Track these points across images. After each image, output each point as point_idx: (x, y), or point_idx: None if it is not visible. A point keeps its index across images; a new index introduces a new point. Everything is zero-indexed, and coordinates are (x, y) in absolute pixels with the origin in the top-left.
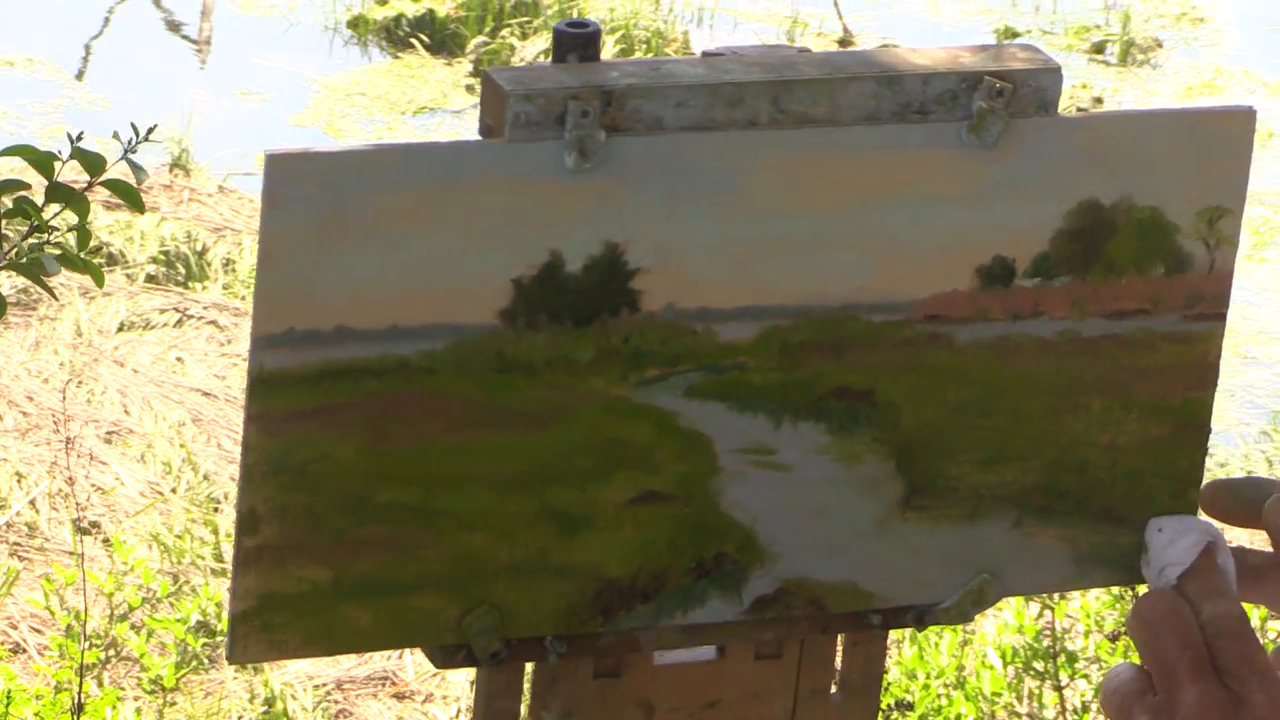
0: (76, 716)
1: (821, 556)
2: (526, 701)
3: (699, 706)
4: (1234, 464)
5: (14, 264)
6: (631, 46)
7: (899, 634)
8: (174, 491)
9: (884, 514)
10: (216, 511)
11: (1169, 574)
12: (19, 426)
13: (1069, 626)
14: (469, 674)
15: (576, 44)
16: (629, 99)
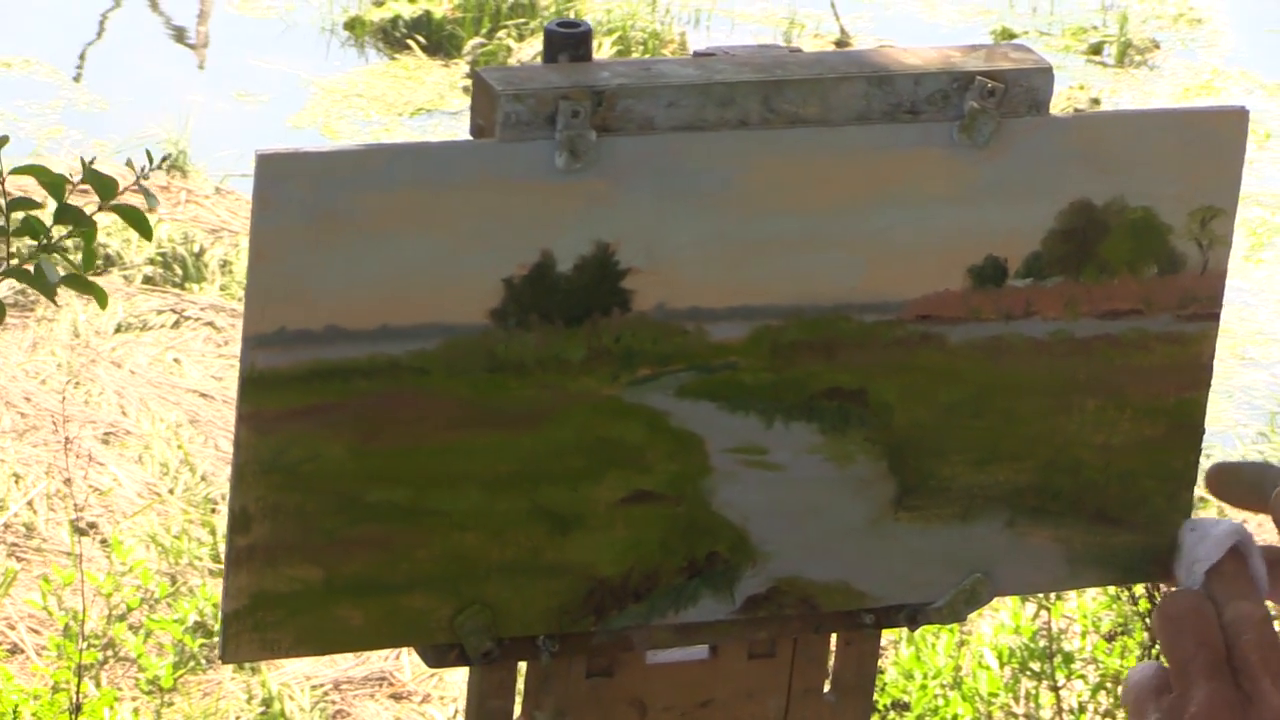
0: (74, 717)
1: (814, 556)
2: (519, 701)
3: (692, 706)
4: None
5: (17, 271)
6: (628, 48)
7: (896, 634)
8: (171, 492)
9: (876, 514)
10: (214, 512)
11: (1196, 571)
12: (16, 427)
13: (1065, 627)
14: (466, 674)
15: (568, 44)
16: (620, 99)
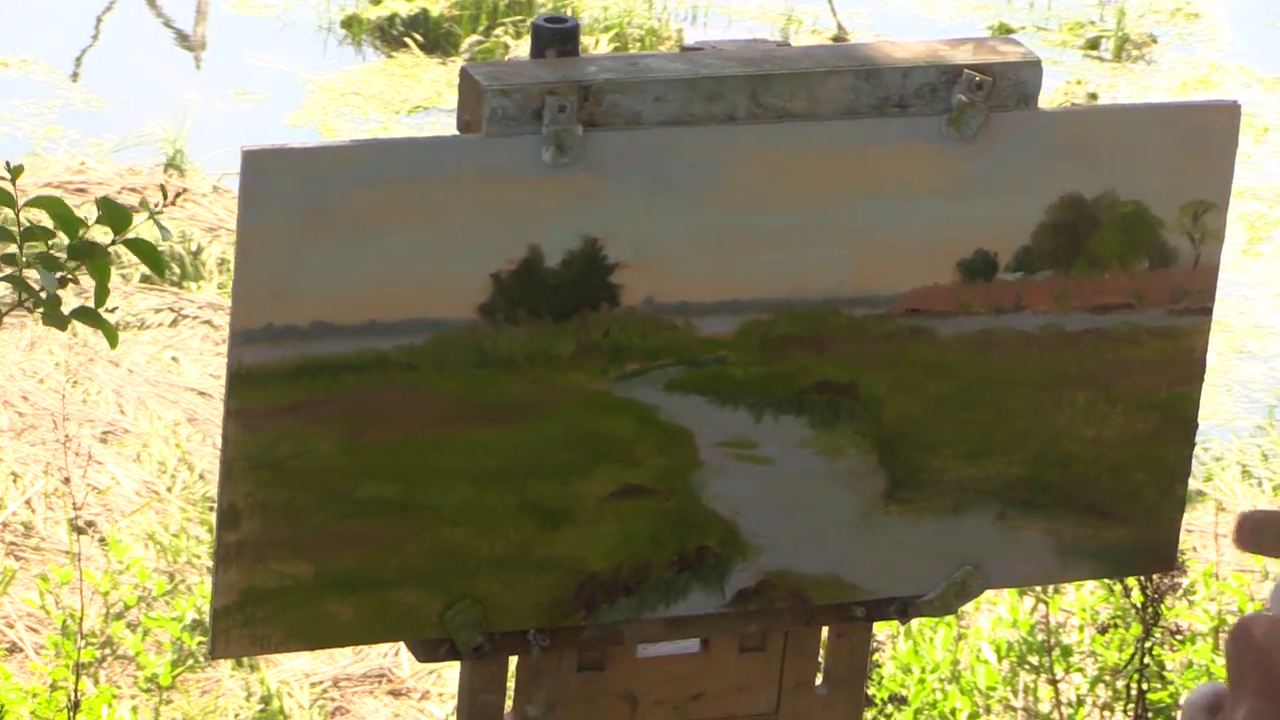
0: (72, 715)
1: (804, 549)
2: (511, 695)
3: (683, 699)
4: (1229, 459)
5: (24, 284)
6: (625, 45)
7: (894, 629)
8: (170, 490)
9: (866, 507)
10: (212, 510)
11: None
12: (15, 427)
13: (1063, 620)
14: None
15: (555, 39)
16: (607, 94)
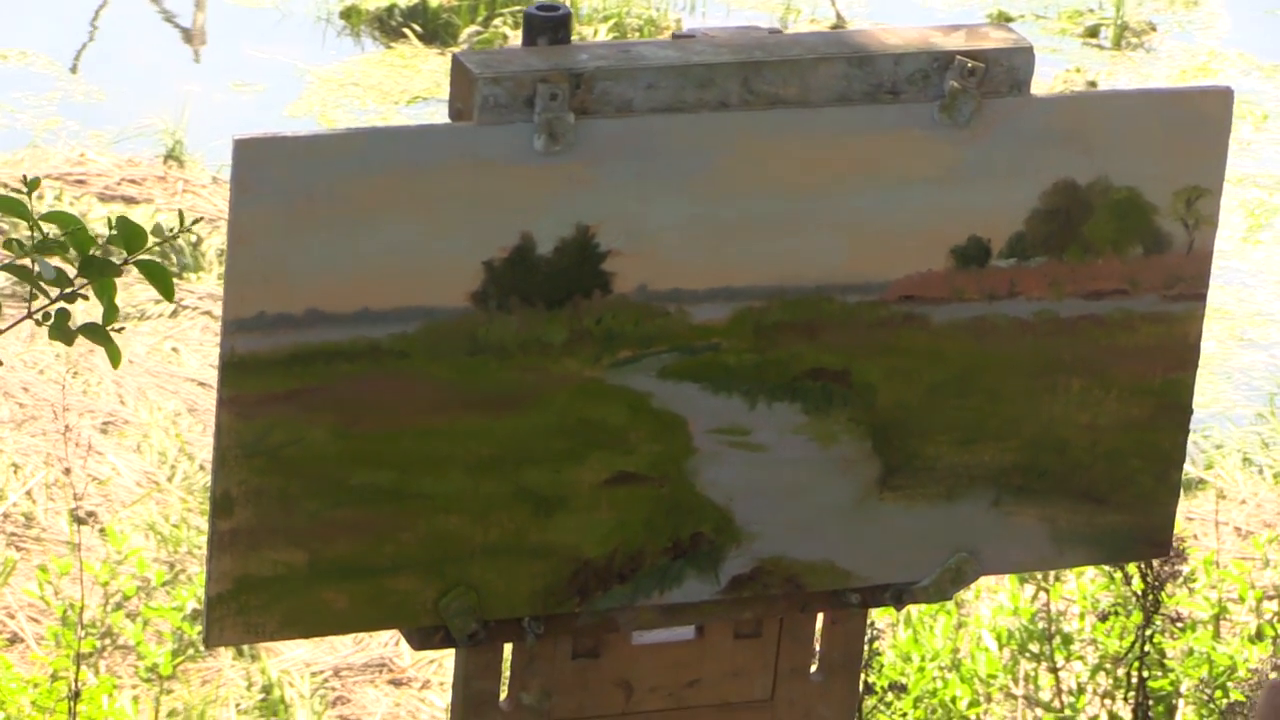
0: (73, 703)
1: (798, 536)
2: (506, 683)
3: (679, 686)
4: (1230, 446)
5: (45, 320)
6: (624, 35)
7: (894, 617)
8: (170, 481)
9: (861, 493)
10: None
11: None
12: (15, 418)
13: (1064, 609)
14: None
15: (547, 27)
16: (598, 81)
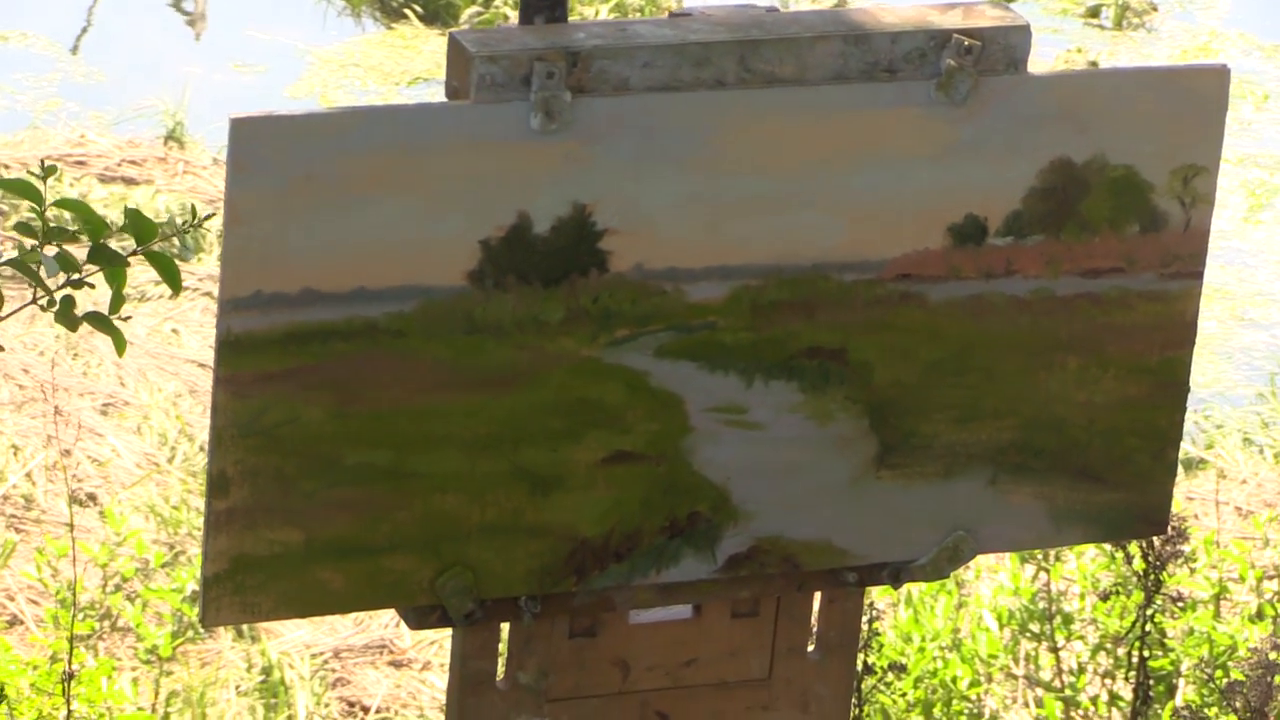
0: (66, 685)
1: (795, 514)
2: (503, 662)
3: (676, 665)
4: (1230, 426)
5: (49, 306)
6: (625, 14)
7: (894, 597)
8: (170, 462)
9: (858, 472)
10: None
11: None
12: (15, 399)
13: (1065, 588)
14: None
15: (544, 5)
16: (595, 60)
